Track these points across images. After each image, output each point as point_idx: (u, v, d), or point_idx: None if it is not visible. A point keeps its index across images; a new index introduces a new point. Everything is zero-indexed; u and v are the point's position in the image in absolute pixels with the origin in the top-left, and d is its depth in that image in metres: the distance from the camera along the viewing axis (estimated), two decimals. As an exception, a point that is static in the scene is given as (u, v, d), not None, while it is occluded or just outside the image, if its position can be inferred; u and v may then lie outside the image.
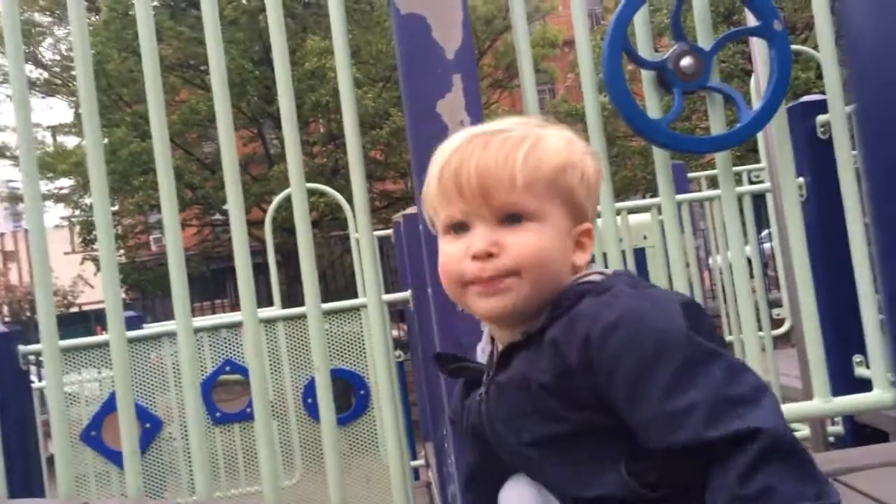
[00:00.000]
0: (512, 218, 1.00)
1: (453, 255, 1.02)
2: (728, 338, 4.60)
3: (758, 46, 2.58)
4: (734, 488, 0.86)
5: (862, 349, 2.20)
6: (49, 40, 18.72)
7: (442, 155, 1.04)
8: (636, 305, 0.94)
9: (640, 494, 0.94)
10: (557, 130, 1.06)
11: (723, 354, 0.92)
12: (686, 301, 0.98)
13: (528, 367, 0.99)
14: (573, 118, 17.65)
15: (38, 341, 1.95)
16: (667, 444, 0.90)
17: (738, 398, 0.88)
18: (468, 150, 1.01)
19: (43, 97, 18.67)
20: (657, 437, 0.91)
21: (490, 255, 0.99)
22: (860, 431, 3.08)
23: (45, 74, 18.46)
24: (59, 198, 19.19)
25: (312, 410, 3.72)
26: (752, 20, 2.09)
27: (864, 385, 2.20)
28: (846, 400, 2.01)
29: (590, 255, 1.05)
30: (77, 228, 19.00)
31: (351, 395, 4.00)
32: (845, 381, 2.78)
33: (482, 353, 1.13)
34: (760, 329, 3.77)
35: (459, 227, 1.02)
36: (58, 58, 18.61)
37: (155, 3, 15.70)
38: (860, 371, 2.85)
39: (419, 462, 5.10)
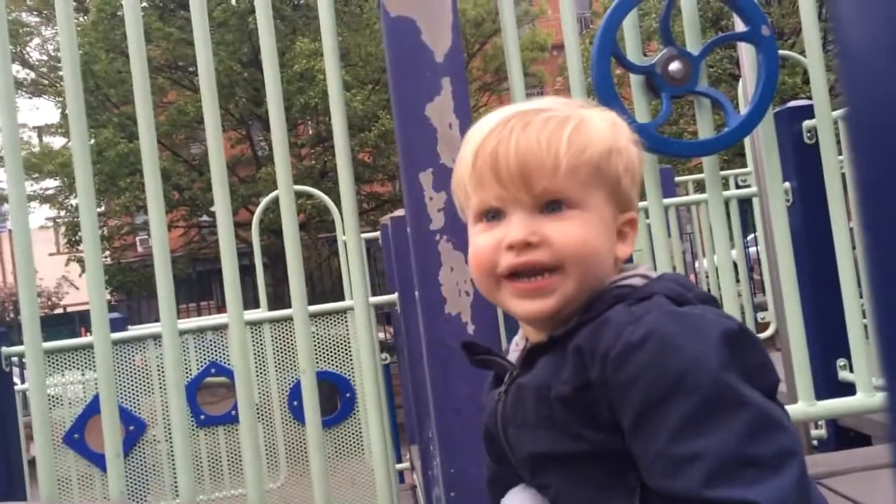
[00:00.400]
0: (553, 206, 0.91)
1: (487, 245, 0.93)
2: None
3: (745, 51, 2.59)
4: None
5: (846, 353, 2.22)
6: (36, 40, 18.62)
7: (477, 135, 0.94)
8: (667, 327, 0.84)
9: None
10: (601, 112, 0.98)
11: (751, 404, 0.81)
12: (732, 330, 0.85)
13: (550, 374, 0.91)
14: (561, 122, 17.69)
15: (21, 342, 1.93)
16: (662, 488, 0.82)
17: (753, 460, 0.78)
18: (506, 130, 0.92)
19: (30, 97, 18.56)
20: (654, 478, 0.83)
21: (529, 245, 0.90)
22: (843, 435, 3.10)
23: (32, 75, 18.35)
24: (44, 198, 19.07)
25: (298, 413, 3.71)
26: (740, 25, 2.10)
27: (848, 389, 2.21)
28: (830, 404, 2.02)
29: (632, 247, 0.97)
30: (62, 229, 18.88)
31: (337, 397, 3.99)
32: (829, 385, 2.79)
33: (515, 348, 1.04)
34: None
35: (494, 215, 0.93)
36: (45, 58, 18.51)
37: (144, 4, 15.64)
38: (844, 375, 2.87)
39: (404, 465, 5.09)
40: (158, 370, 3.58)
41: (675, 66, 1.86)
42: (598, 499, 0.90)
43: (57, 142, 19.40)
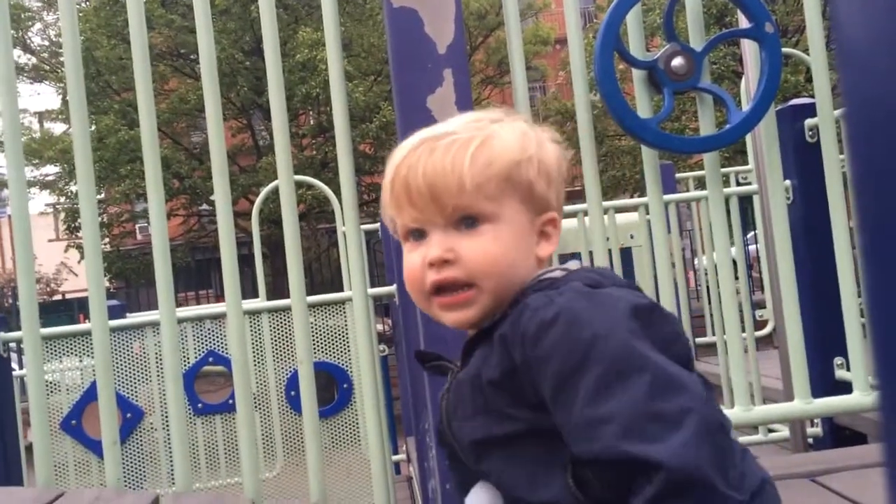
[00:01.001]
0: (468, 221, 0.98)
1: (414, 264, 1.01)
2: (711, 338, 4.63)
3: (749, 48, 2.59)
4: None
5: (843, 352, 2.22)
6: (38, 26, 18.58)
7: (393, 163, 1.03)
8: (576, 304, 0.91)
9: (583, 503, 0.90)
10: (511, 124, 1.04)
11: (655, 366, 0.86)
12: (640, 305, 0.92)
13: (481, 363, 0.98)
14: (563, 116, 17.73)
15: (20, 328, 1.93)
16: (583, 453, 0.87)
17: (658, 415, 0.84)
18: (415, 156, 1.00)
19: (31, 83, 18.56)
20: (575, 445, 0.88)
21: (446, 262, 0.98)
22: (839, 433, 3.11)
23: (34, 60, 18.32)
24: (44, 184, 19.07)
25: (295, 403, 3.71)
26: (744, 22, 2.09)
27: (845, 387, 2.21)
28: (826, 402, 2.02)
29: (556, 244, 1.03)
30: (62, 216, 18.87)
31: (334, 388, 3.99)
32: (826, 383, 2.80)
33: None
34: (744, 330, 3.79)
35: (417, 234, 1.01)
36: (46, 43, 18.49)
37: (145, -9, 15.58)
38: (841, 373, 2.88)
39: (400, 456, 5.10)
40: (156, 358, 3.58)
41: (677, 61, 1.85)
42: (536, 477, 0.94)
43: (57, 128, 19.40)
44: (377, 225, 5.94)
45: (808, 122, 2.98)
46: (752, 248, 6.33)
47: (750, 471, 0.92)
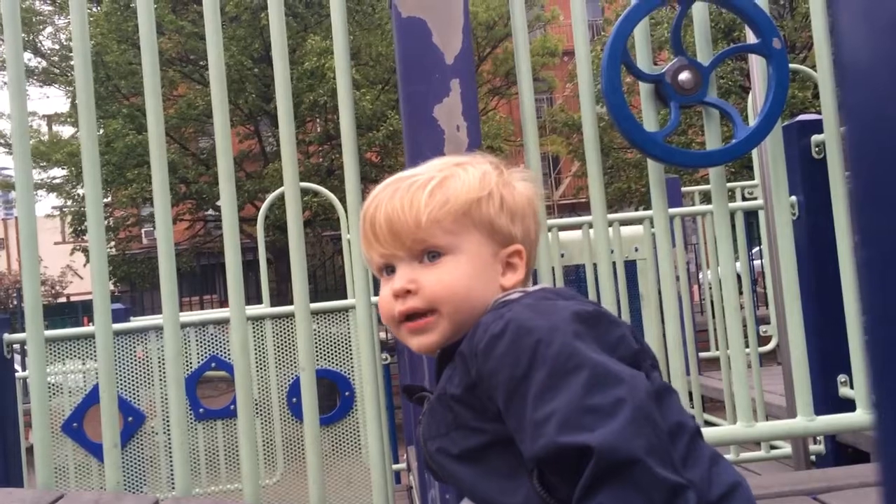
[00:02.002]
0: (430, 254, 1.06)
1: (384, 296, 1.09)
2: (715, 353, 4.62)
3: (756, 64, 2.59)
4: None
5: (847, 369, 2.21)
6: (49, 29, 18.67)
7: (365, 204, 1.13)
8: (522, 315, 0.96)
9: None
10: (475, 166, 1.11)
11: (594, 362, 0.91)
12: (585, 310, 0.97)
13: (447, 382, 1.03)
14: (570, 128, 17.75)
15: (24, 330, 1.94)
16: (533, 454, 0.90)
17: (593, 408, 0.88)
18: (379, 198, 1.10)
19: (40, 86, 18.61)
20: (526, 448, 0.91)
21: (409, 292, 1.05)
22: (842, 451, 3.09)
23: (44, 63, 18.40)
24: (51, 187, 19.11)
25: (296, 410, 3.71)
26: (751, 37, 2.10)
27: (848, 405, 2.20)
28: (829, 419, 2.01)
29: (523, 274, 1.08)
30: (68, 219, 18.91)
31: (336, 395, 3.99)
32: (829, 401, 2.79)
33: None
34: (747, 345, 3.78)
35: (388, 269, 1.09)
36: (57, 47, 18.56)
37: (156, -4, 15.64)
38: (844, 391, 2.87)
39: (401, 466, 5.09)
40: (159, 362, 3.59)
41: (684, 75, 1.86)
42: (506, 484, 0.98)
43: (66, 131, 19.45)
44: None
45: (815, 138, 2.97)
46: (756, 263, 6.32)
47: (719, 475, 0.95)
